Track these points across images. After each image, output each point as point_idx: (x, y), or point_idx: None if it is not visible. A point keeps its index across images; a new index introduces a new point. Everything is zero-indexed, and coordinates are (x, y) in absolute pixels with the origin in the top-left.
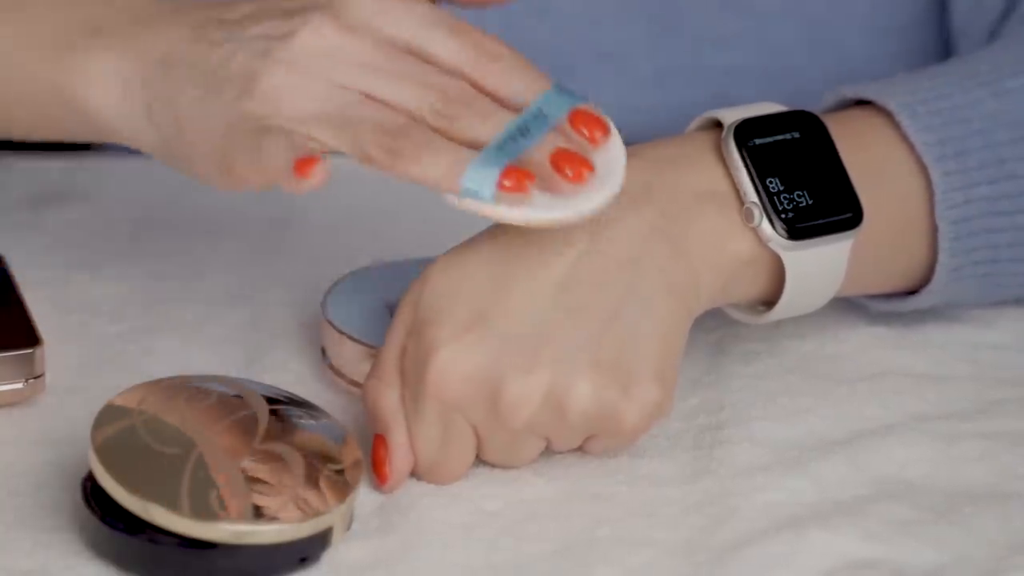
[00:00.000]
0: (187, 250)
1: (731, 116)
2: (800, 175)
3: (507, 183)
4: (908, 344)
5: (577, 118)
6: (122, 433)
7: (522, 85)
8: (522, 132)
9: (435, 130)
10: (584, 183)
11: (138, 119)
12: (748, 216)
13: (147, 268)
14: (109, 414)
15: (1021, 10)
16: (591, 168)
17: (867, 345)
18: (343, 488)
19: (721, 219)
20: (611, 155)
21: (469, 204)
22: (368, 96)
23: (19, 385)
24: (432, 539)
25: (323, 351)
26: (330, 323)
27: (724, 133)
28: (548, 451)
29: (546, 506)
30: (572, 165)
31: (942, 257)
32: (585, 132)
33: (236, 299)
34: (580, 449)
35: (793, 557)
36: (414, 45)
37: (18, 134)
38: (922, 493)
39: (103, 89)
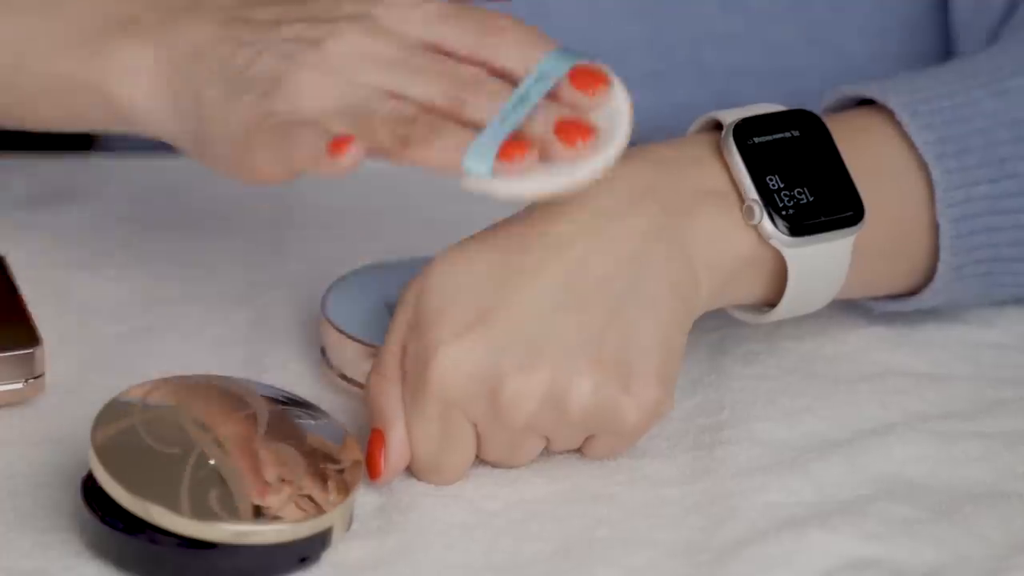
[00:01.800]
0: (187, 250)
1: (731, 116)
2: (800, 172)
3: (504, 157)
4: (908, 344)
5: (576, 75)
6: (122, 433)
7: (527, 54)
8: (523, 100)
9: (448, 116)
10: (578, 150)
11: (164, 112)
12: (749, 214)
13: (147, 268)
14: (109, 414)
15: (1022, 11)
16: (587, 135)
17: (867, 345)
18: (343, 488)
19: (722, 218)
20: (614, 107)
21: (474, 184)
22: (385, 91)
23: (19, 385)
24: (432, 539)
25: (323, 351)
26: (330, 323)
27: (723, 132)
28: (548, 451)
29: (546, 506)
30: (567, 133)
31: (944, 256)
32: (587, 90)
33: (236, 299)
34: (579, 452)
35: (793, 557)
36: (429, 41)
37: (36, 125)
38: (922, 493)
39: (132, 81)
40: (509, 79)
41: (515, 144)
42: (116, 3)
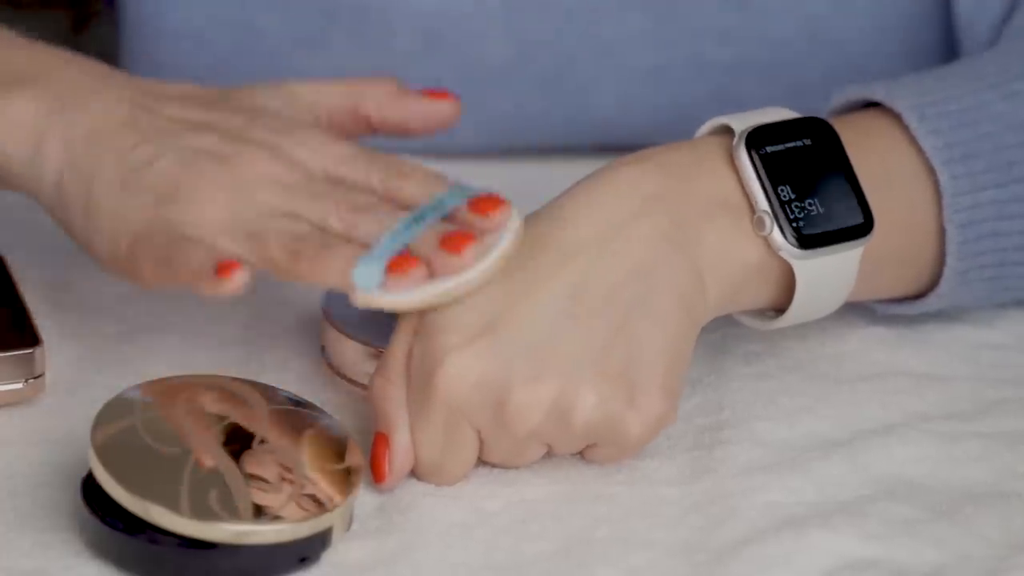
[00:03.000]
0: None
1: (741, 123)
2: (811, 183)
3: (393, 271)
4: (908, 344)
5: (474, 202)
6: (122, 433)
7: (429, 187)
8: (416, 220)
9: (340, 236)
10: (462, 258)
11: (44, 178)
12: (759, 225)
13: None
14: (109, 414)
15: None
16: (469, 241)
17: (867, 345)
18: (343, 488)
19: (732, 228)
20: (502, 220)
21: (362, 298)
22: (282, 211)
23: (19, 385)
24: (432, 539)
25: (323, 351)
26: (330, 323)
27: (735, 140)
28: (549, 453)
29: (546, 506)
30: (452, 243)
31: (950, 261)
32: (481, 212)
33: (236, 299)
34: (580, 455)
35: (793, 557)
36: (333, 175)
37: None
38: (922, 493)
39: (18, 137)
40: (407, 208)
41: (403, 258)
42: (24, 55)
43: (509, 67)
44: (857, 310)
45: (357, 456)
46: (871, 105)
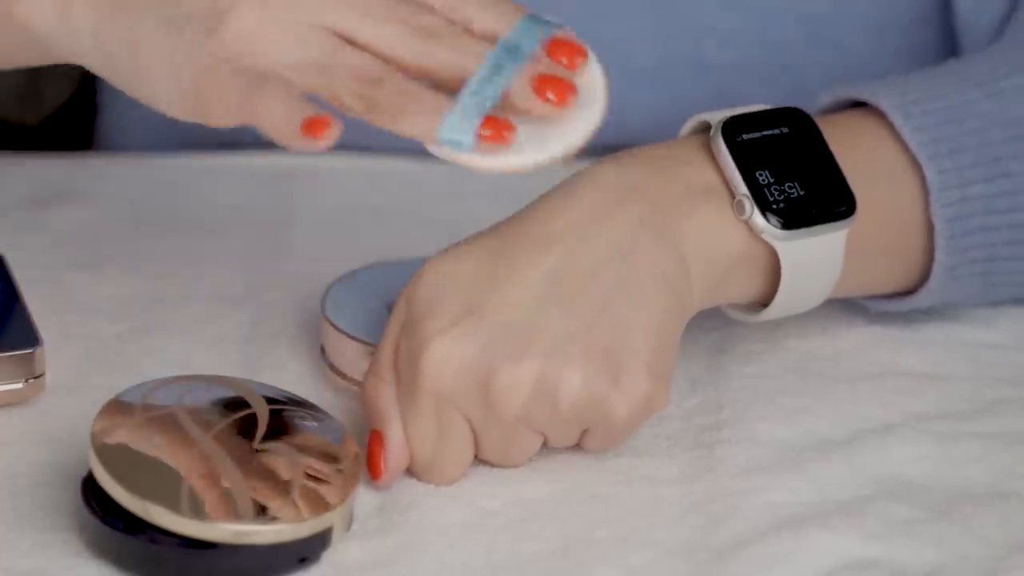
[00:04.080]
0: (187, 250)
1: (719, 116)
2: (790, 168)
3: (486, 133)
4: (908, 344)
5: (554, 47)
6: (122, 433)
7: (495, 17)
8: (496, 71)
9: (414, 70)
10: (568, 107)
11: (82, 43)
12: (740, 209)
13: (147, 268)
14: (109, 414)
15: (1022, 11)
16: (575, 90)
17: (867, 345)
18: (343, 488)
19: (713, 214)
20: (590, 79)
21: (449, 154)
22: (343, 37)
23: (19, 385)
24: (432, 539)
25: (323, 351)
26: (330, 323)
27: (712, 131)
28: (547, 450)
29: (546, 506)
30: (554, 89)
31: (939, 256)
32: (564, 60)
33: (236, 299)
34: (578, 446)
35: (793, 557)
36: None
37: None
38: (922, 493)
39: (43, 8)
40: (481, 38)
41: (498, 121)
42: None
43: None
44: (856, 310)
45: (357, 456)
46: (856, 105)
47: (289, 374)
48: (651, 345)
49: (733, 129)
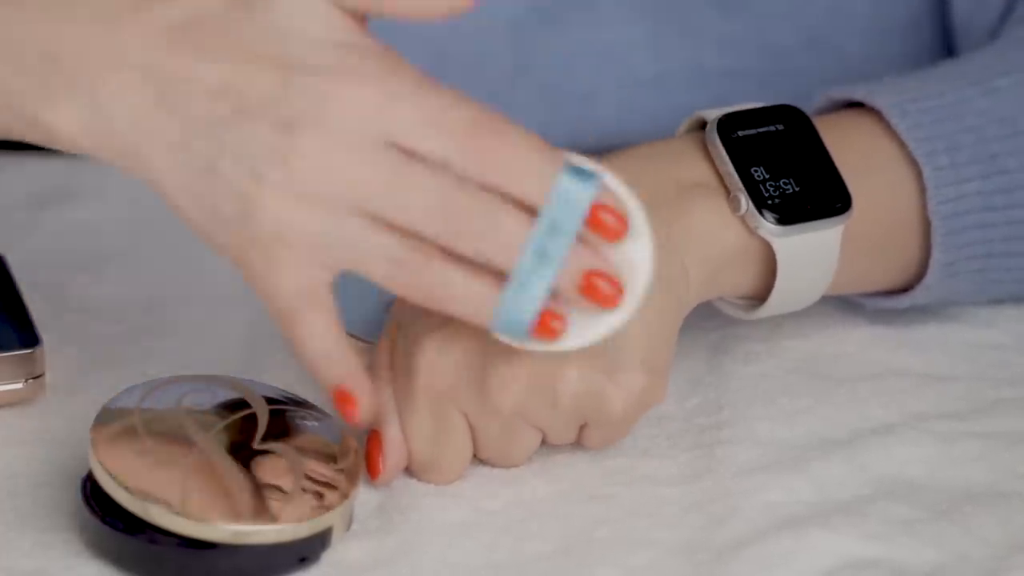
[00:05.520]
0: (187, 250)
1: (715, 113)
2: (785, 164)
3: (539, 328)
4: (908, 344)
5: (596, 222)
6: (122, 433)
7: (530, 179)
8: (540, 258)
9: (446, 250)
10: (617, 306)
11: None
12: (735, 204)
13: (147, 268)
14: (109, 414)
15: (1019, 11)
16: (621, 288)
17: (867, 345)
18: (343, 488)
19: (709, 210)
20: (630, 249)
21: (501, 337)
22: (372, 217)
23: (19, 385)
24: (432, 539)
25: None
26: None
27: (708, 128)
28: (547, 450)
29: (546, 506)
30: (601, 297)
31: (935, 253)
32: (605, 233)
33: (236, 299)
34: (578, 443)
35: (793, 557)
36: (407, 146)
37: None
38: (922, 493)
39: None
40: (519, 206)
41: (549, 316)
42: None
43: (511, 75)
44: (856, 310)
45: (357, 456)
46: (852, 106)
47: (289, 374)
48: (645, 340)
49: (729, 126)
